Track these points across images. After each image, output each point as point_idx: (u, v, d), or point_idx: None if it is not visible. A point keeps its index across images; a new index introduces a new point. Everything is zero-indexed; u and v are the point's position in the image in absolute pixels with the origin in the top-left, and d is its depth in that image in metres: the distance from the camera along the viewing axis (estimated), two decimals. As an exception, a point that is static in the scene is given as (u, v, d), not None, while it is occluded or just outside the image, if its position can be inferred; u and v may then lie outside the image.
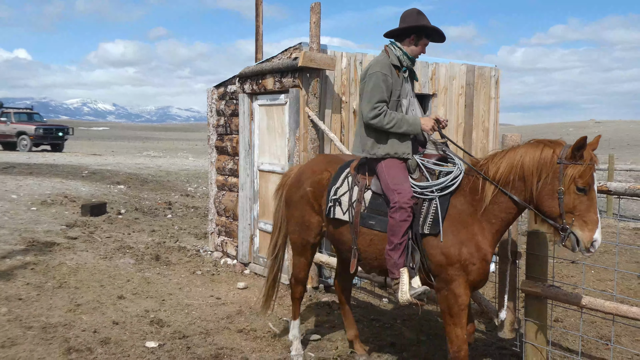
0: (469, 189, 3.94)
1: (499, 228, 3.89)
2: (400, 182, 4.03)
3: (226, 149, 8.54)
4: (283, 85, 7.06)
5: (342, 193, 4.42)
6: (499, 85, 8.63)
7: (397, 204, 3.94)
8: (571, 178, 3.55)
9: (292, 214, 4.86)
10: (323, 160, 4.94)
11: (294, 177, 4.95)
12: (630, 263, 9.06)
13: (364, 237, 4.28)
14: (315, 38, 6.66)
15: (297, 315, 5.10)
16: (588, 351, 5.27)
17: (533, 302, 4.38)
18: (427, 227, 3.92)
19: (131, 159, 27.72)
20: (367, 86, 4.19)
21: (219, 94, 8.69)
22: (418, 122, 4.14)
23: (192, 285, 7.16)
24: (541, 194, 3.66)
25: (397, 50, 4.27)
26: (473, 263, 3.84)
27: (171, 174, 20.31)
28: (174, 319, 5.88)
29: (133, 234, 10.00)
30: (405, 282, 3.93)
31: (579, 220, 3.56)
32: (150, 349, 5.02)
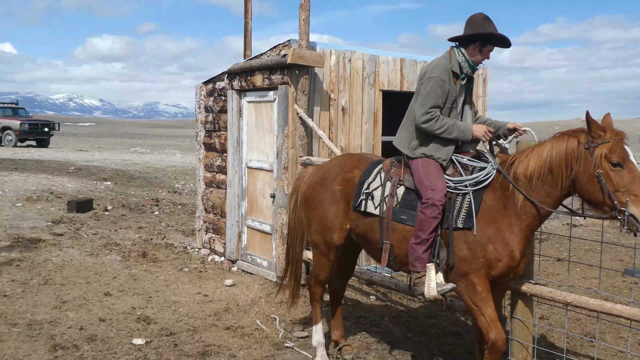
0: (500, 186, 3.97)
1: (528, 224, 3.89)
2: (435, 179, 4.04)
3: (214, 145, 8.52)
4: (272, 82, 7.05)
5: (375, 187, 4.40)
6: (487, 84, 8.67)
7: (430, 200, 3.95)
8: (602, 157, 3.53)
9: (314, 215, 4.75)
10: (352, 158, 4.86)
11: (316, 176, 4.85)
12: (615, 261, 9.15)
13: (396, 233, 4.25)
14: (304, 35, 6.66)
15: (320, 318, 5.00)
16: (573, 348, 5.33)
17: (519, 299, 4.41)
18: (460, 221, 3.95)
19: (118, 155, 27.54)
20: (424, 89, 4.16)
21: (207, 90, 8.65)
22: (470, 129, 4.13)
23: (179, 282, 7.13)
24: (581, 184, 3.64)
25: (460, 55, 4.20)
26: (499, 259, 3.88)
27: (158, 171, 20.22)
28: (161, 316, 5.86)
29: (120, 230, 9.94)
30: (432, 278, 3.94)
31: (629, 196, 3.45)
32: (137, 345, 5.00)
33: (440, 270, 3.97)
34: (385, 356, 5.00)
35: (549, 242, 10.70)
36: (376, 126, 7.59)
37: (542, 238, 10.80)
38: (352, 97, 7.32)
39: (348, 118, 7.31)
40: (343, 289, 5.28)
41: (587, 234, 11.61)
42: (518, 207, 3.86)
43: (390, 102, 8.30)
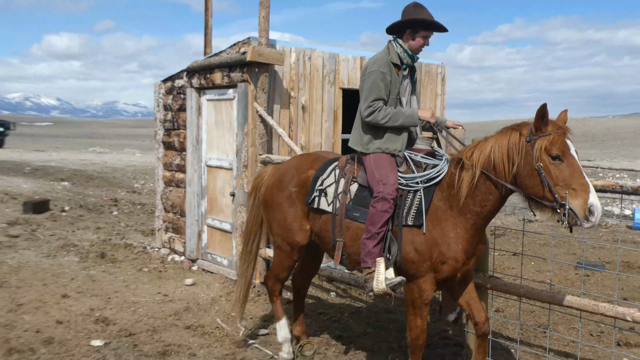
0: (447, 185, 3.93)
1: (473, 223, 3.84)
2: (386, 173, 4.03)
3: (173, 144, 8.44)
4: (231, 80, 7.03)
5: (329, 184, 4.37)
6: (445, 82, 8.82)
7: (381, 194, 3.93)
8: (542, 149, 3.49)
9: (274, 217, 4.69)
10: (307, 159, 4.79)
11: (273, 178, 4.78)
12: (568, 254, 9.44)
13: (349, 231, 4.22)
14: (264, 32, 6.66)
15: (282, 314, 4.94)
16: (527, 339, 5.48)
17: (475, 292, 4.52)
18: (410, 218, 3.91)
19: (76, 155, 26.99)
20: (365, 84, 4.16)
21: (166, 88, 8.57)
22: (415, 114, 4.12)
23: (138, 283, 7.05)
24: (522, 177, 3.60)
25: (397, 47, 4.20)
26: (443, 262, 3.86)
27: (117, 171, 19.90)
28: (120, 316, 5.79)
29: (78, 231, 9.76)
30: (381, 272, 3.91)
31: (568, 189, 3.41)
32: (96, 347, 4.94)
33: (391, 266, 3.95)
34: (345, 351, 5.06)
35: (505, 237, 10.96)
36: (336, 124, 7.65)
37: (499, 233, 11.06)
38: (312, 95, 7.35)
39: (308, 116, 7.34)
40: (307, 286, 5.27)
41: (542, 229, 11.93)
42: (462, 206, 3.82)
43: (351, 100, 8.37)
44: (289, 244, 4.64)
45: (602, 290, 7.21)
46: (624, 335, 5.47)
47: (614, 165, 22.55)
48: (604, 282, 7.67)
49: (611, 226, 12.52)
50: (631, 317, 3.53)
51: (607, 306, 3.69)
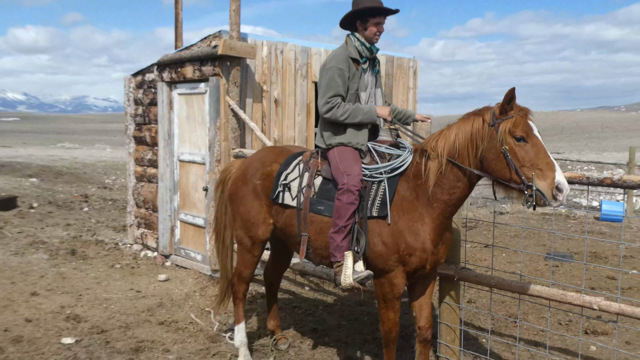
0: (412, 175, 3.88)
1: (440, 212, 3.80)
2: (350, 165, 3.98)
3: (145, 139, 8.34)
4: (203, 73, 6.97)
5: (293, 178, 4.31)
6: (417, 76, 8.88)
7: (345, 186, 3.87)
8: (506, 132, 3.48)
9: (238, 211, 4.62)
10: (272, 152, 4.72)
11: (239, 171, 4.71)
12: (538, 246, 9.61)
13: (314, 224, 4.16)
14: (235, 26, 6.61)
15: (242, 317, 4.84)
16: (498, 329, 5.57)
17: (446, 284, 4.58)
18: (375, 209, 3.86)
19: (44, 150, 26.49)
20: (322, 81, 4.12)
21: (136, 82, 8.45)
22: (373, 110, 4.08)
23: (110, 279, 6.97)
24: (488, 161, 3.59)
25: (355, 40, 4.16)
26: (410, 254, 3.81)
27: (88, 166, 19.59)
28: (92, 313, 5.72)
29: (47, 228, 9.59)
30: (349, 266, 3.87)
31: (534, 170, 3.42)
32: (67, 345, 4.87)
33: (359, 259, 3.90)
34: (320, 344, 5.08)
35: (477, 229, 11.10)
36: (309, 118, 7.65)
37: (470, 225, 11.21)
38: (285, 89, 7.33)
39: (281, 110, 7.32)
40: (278, 281, 5.25)
41: (513, 221, 12.13)
42: (429, 195, 3.77)
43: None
44: (251, 238, 4.58)
45: (570, 280, 7.36)
46: (592, 323, 5.60)
47: (582, 157, 23.01)
48: (572, 272, 7.83)
49: (579, 217, 12.79)
50: (597, 306, 3.61)
51: (575, 295, 3.77)
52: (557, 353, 4.91)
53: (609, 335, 5.35)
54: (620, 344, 5.14)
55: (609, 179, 3.50)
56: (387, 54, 8.45)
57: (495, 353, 4.90)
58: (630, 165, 13.75)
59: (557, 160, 13.69)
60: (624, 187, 3.44)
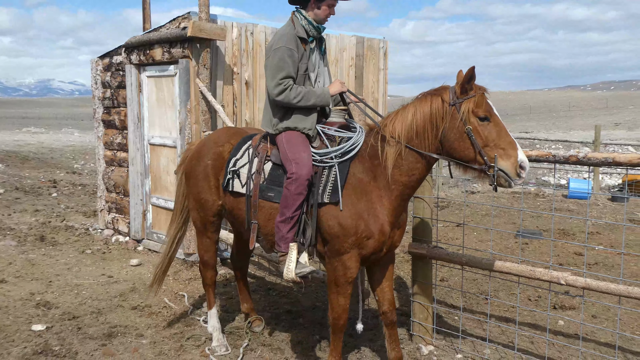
0: (368, 156, 3.76)
1: (398, 194, 3.70)
2: (299, 152, 3.81)
3: (114, 122, 8.20)
4: (172, 56, 6.86)
5: (242, 165, 4.19)
6: (387, 57, 8.88)
7: (294, 175, 3.73)
8: (469, 112, 3.42)
9: (191, 190, 4.56)
10: (226, 132, 4.62)
11: (194, 151, 4.65)
12: (508, 224, 9.79)
13: (263, 211, 4.04)
14: (204, 7, 6.51)
15: (213, 303, 4.80)
16: (470, 306, 5.67)
17: (419, 263, 4.64)
18: (326, 195, 3.72)
19: (9, 135, 25.88)
20: (271, 62, 3.90)
21: (104, 65, 8.29)
22: (327, 92, 3.94)
23: (81, 265, 6.88)
24: (450, 142, 3.50)
25: (302, 19, 3.97)
26: (369, 237, 3.70)
27: (55, 151, 19.22)
28: (63, 300, 5.65)
29: (14, 214, 9.41)
30: (292, 259, 3.79)
31: (497, 150, 3.39)
32: (37, 332, 4.80)
33: (305, 250, 3.82)
34: (295, 325, 5.11)
35: (449, 208, 11.25)
36: (280, 100, 7.59)
37: (442, 205, 11.34)
38: (256, 71, 7.27)
39: (252, 92, 7.26)
40: (246, 264, 5.21)
41: (484, 200, 12.31)
42: (388, 176, 3.66)
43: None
44: (202, 219, 4.52)
45: (539, 257, 7.52)
46: (560, 299, 5.73)
47: (550, 136, 23.38)
48: (541, 249, 8.00)
49: (548, 195, 13.04)
50: (565, 281, 3.70)
51: (543, 271, 3.85)
52: (527, 328, 5.03)
53: (577, 309, 5.49)
54: (587, 318, 5.28)
55: (574, 157, 3.57)
56: (358, 35, 8.42)
57: (467, 330, 4.99)
58: (596, 144, 14.05)
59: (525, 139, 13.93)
60: (589, 164, 3.52)
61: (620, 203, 12.09)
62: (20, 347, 4.48)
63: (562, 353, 4.52)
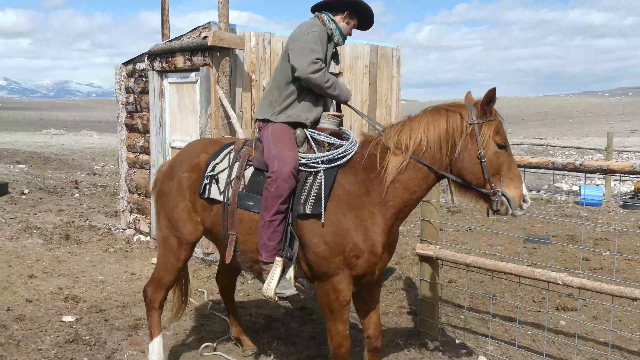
0: (363, 167, 3.48)
1: (394, 212, 3.44)
2: (284, 149, 3.52)
3: (137, 126, 8.55)
4: (193, 63, 7.18)
5: (221, 169, 3.79)
6: (400, 65, 9.15)
7: (275, 174, 3.43)
8: (490, 136, 3.27)
9: (163, 208, 4.07)
10: (201, 142, 4.24)
11: (167, 166, 4.23)
12: (519, 229, 9.97)
13: (243, 223, 3.65)
14: (223, 17, 6.83)
15: (158, 329, 4.21)
16: (476, 306, 5.91)
17: (426, 263, 4.89)
18: (309, 206, 3.40)
19: (30, 137, 26.47)
20: (304, 42, 3.61)
21: (127, 71, 8.64)
22: (347, 90, 3.80)
23: (105, 263, 7.22)
24: (463, 162, 3.33)
25: (331, 22, 3.80)
26: (358, 256, 3.38)
27: (76, 152, 19.68)
28: (90, 294, 5.98)
29: (39, 214, 9.79)
30: (275, 276, 3.45)
31: (505, 179, 3.30)
32: (68, 322, 5.13)
33: (292, 265, 3.50)
34: (308, 321, 5.36)
35: (460, 213, 11.45)
36: (296, 106, 7.89)
37: (454, 210, 11.56)
38: (273, 78, 7.56)
39: (269, 98, 7.55)
40: (233, 285, 4.79)
41: (495, 205, 12.47)
42: (385, 191, 3.39)
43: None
44: (177, 239, 3.99)
45: (546, 261, 7.71)
46: (563, 300, 5.95)
47: (563, 143, 23.47)
48: (548, 254, 8.19)
49: (560, 202, 13.19)
50: (562, 281, 3.94)
51: (541, 272, 4.09)
52: (530, 327, 5.26)
53: (579, 311, 5.71)
54: (588, 319, 5.50)
55: (571, 164, 3.80)
56: (371, 44, 8.70)
57: (472, 328, 5.23)
58: (608, 150, 14.15)
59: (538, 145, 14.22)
60: (585, 171, 3.75)
61: (631, 210, 12.17)
62: (53, 336, 4.81)
63: (562, 351, 4.75)
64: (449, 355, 4.67)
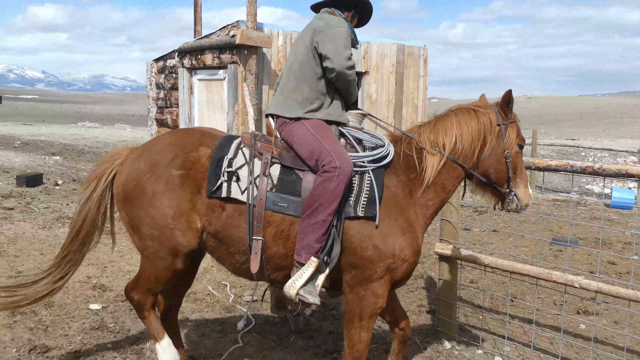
0: (402, 168, 3.41)
1: (432, 212, 3.45)
2: (336, 144, 3.30)
3: (166, 121, 8.74)
4: (222, 61, 7.32)
5: (239, 165, 3.35)
6: (427, 64, 9.15)
7: (338, 171, 3.14)
8: (514, 137, 3.41)
9: (146, 213, 3.38)
10: (190, 134, 3.59)
11: (141, 162, 3.48)
12: (546, 231, 9.88)
13: (271, 226, 3.28)
14: (250, 16, 6.94)
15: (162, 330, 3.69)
16: (496, 307, 5.91)
17: (445, 262, 4.93)
18: (360, 207, 3.21)
19: (65, 129, 27.09)
20: (337, 35, 3.43)
21: (158, 67, 8.83)
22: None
23: (132, 253, 7.40)
24: (491, 161, 3.43)
25: (347, 22, 3.61)
26: (405, 259, 3.29)
27: (109, 145, 20.10)
28: (116, 284, 6.16)
29: (72, 204, 10.06)
30: (305, 276, 3.17)
31: (519, 178, 3.46)
32: (94, 310, 5.31)
33: (325, 272, 3.23)
34: (328, 316, 5.45)
35: (487, 214, 11.39)
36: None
37: (482, 210, 11.50)
38: (299, 76, 7.65)
39: (295, 96, 7.66)
40: (179, 304, 4.26)
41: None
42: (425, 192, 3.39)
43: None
44: (171, 250, 3.41)
45: (571, 264, 7.65)
46: (584, 304, 5.91)
47: (595, 144, 23.07)
48: (574, 257, 8.11)
49: (590, 204, 13.00)
50: (578, 284, 3.94)
51: (559, 274, 4.10)
52: (549, 330, 5.25)
53: (600, 315, 5.67)
54: (609, 323, 5.46)
55: (590, 167, 3.80)
56: (398, 43, 8.72)
57: (491, 329, 5.25)
58: (641, 153, 13.91)
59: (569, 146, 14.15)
60: (604, 175, 3.74)
61: (663, 214, 11.95)
62: (80, 323, 4.99)
63: (580, 355, 4.73)
64: (465, 354, 4.70)
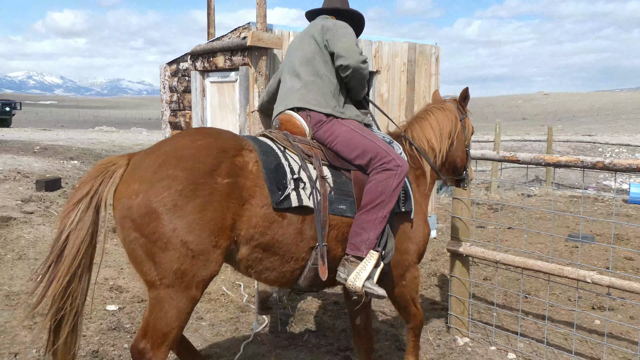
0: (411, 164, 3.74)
1: (429, 201, 3.92)
2: (384, 143, 3.38)
3: (180, 124, 8.83)
4: (233, 63, 7.38)
5: (298, 170, 3.17)
6: (439, 62, 9.13)
7: (399, 169, 3.24)
8: (470, 129, 4.10)
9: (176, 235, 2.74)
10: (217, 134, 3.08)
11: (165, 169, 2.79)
12: (562, 227, 9.82)
13: (333, 230, 3.21)
14: (260, 18, 6.99)
15: None
16: (509, 304, 5.90)
17: (456, 259, 4.93)
18: (401, 203, 3.42)
19: (83, 134, 27.41)
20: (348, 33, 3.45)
21: (171, 70, 8.92)
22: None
23: (149, 255, 7.50)
24: (456, 153, 4.00)
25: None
26: (425, 244, 3.68)
27: (125, 149, 20.30)
28: (133, 285, 6.25)
29: (89, 208, 10.21)
30: (368, 268, 3.14)
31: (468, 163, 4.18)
32: (111, 311, 5.40)
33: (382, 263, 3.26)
34: (341, 315, 5.48)
35: (502, 211, 11.34)
36: (334, 104, 7.99)
37: (496, 207, 11.45)
38: (311, 77, 7.68)
39: (307, 97, 7.69)
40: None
41: (540, 204, 12.31)
42: (428, 184, 3.83)
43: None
44: (199, 283, 2.89)
45: (587, 260, 7.60)
46: (599, 299, 5.88)
47: (613, 140, 22.81)
48: (590, 253, 8.06)
49: (607, 200, 12.88)
50: (590, 279, 3.93)
51: (570, 270, 4.09)
52: (564, 326, 5.23)
53: (615, 310, 5.64)
54: (625, 319, 5.42)
55: (601, 163, 3.79)
56: (410, 41, 8.72)
57: (504, 325, 5.24)
58: (658, 148, 13.75)
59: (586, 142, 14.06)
60: (614, 170, 3.72)
61: (681, 209, 11.82)
62: (97, 324, 5.08)
63: (594, 350, 4.72)
64: (478, 351, 4.70)
